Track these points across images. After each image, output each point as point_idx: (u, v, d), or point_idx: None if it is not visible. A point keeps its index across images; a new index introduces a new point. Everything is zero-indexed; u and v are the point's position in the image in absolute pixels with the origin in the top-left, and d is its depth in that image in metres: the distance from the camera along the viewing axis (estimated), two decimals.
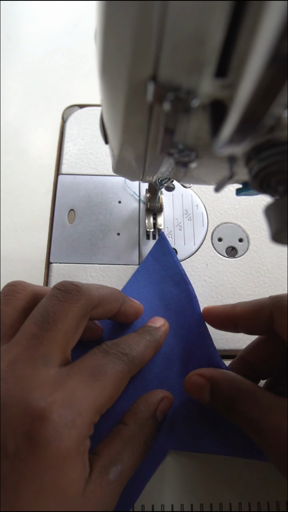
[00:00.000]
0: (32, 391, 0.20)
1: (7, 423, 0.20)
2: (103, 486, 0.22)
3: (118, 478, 0.23)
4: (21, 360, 0.21)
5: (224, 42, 0.14)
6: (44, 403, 0.20)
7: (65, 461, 0.20)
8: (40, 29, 0.51)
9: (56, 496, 0.20)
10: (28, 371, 0.21)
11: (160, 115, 0.18)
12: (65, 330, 0.23)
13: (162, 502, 0.28)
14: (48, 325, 0.22)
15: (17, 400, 0.20)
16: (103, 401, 0.22)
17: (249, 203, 0.40)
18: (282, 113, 0.16)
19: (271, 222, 0.18)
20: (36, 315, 0.23)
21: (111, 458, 0.23)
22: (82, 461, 0.21)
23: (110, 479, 0.22)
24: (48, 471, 0.19)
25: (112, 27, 0.15)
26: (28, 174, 0.41)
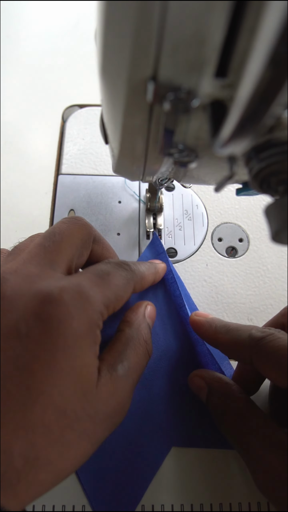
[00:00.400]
0: (41, 281, 0.21)
1: (18, 307, 0.20)
2: (113, 381, 0.22)
3: (127, 374, 0.23)
4: (29, 262, 0.23)
5: (224, 42, 0.14)
6: (54, 287, 0.21)
7: (78, 343, 0.20)
8: (40, 29, 0.51)
9: (71, 377, 0.20)
10: (36, 270, 0.22)
11: (160, 115, 0.18)
12: (70, 245, 0.25)
13: (162, 502, 0.28)
14: (54, 237, 0.24)
15: (27, 287, 0.21)
16: (110, 296, 0.23)
17: (249, 203, 0.40)
18: (282, 113, 0.16)
19: (271, 222, 0.18)
20: (44, 234, 0.25)
21: (115, 358, 0.24)
22: (94, 350, 0.21)
23: (119, 374, 0.23)
24: (61, 350, 0.20)
25: (112, 27, 0.15)
26: (28, 174, 0.41)
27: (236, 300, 0.35)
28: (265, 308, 0.35)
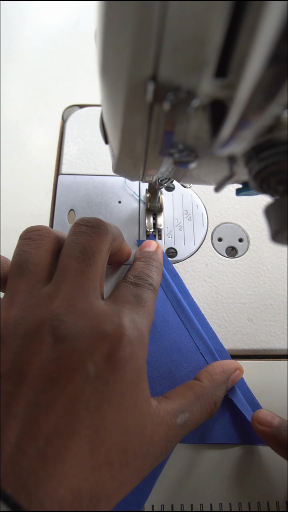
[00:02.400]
0: (100, 320, 0.21)
1: (84, 351, 0.20)
2: (170, 426, 0.23)
3: (184, 426, 0.23)
4: (76, 296, 0.22)
5: (224, 42, 0.14)
6: (116, 326, 0.21)
7: (141, 378, 0.21)
8: (40, 29, 0.51)
9: (135, 414, 0.21)
10: (86, 305, 0.22)
11: (160, 115, 0.18)
12: (102, 263, 0.24)
13: (162, 502, 0.28)
14: (89, 260, 0.23)
15: (88, 329, 0.21)
16: (150, 323, 0.24)
17: (249, 203, 0.40)
18: (282, 113, 0.16)
19: (271, 222, 0.18)
20: (73, 252, 0.24)
21: (182, 406, 0.24)
22: (147, 381, 0.22)
23: (177, 423, 0.23)
24: (128, 389, 0.20)
25: (112, 27, 0.15)
26: (28, 174, 0.41)
27: (236, 300, 0.35)
28: (265, 308, 0.35)
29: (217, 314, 0.35)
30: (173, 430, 0.23)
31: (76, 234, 0.25)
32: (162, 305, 0.33)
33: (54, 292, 0.22)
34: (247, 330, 0.34)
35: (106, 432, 0.19)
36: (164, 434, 0.22)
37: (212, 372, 0.28)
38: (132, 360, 0.21)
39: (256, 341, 0.34)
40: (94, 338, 0.20)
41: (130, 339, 0.21)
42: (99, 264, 0.24)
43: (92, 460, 0.19)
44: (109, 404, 0.20)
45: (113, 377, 0.20)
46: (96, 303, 0.22)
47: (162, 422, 0.22)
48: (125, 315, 0.22)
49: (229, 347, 0.33)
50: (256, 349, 0.33)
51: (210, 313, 0.34)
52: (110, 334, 0.21)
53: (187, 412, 0.24)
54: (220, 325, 0.34)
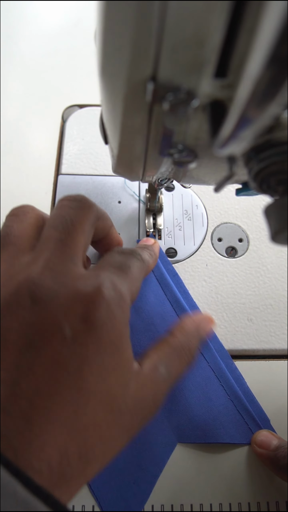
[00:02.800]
0: (75, 281, 0.21)
1: (60, 312, 0.20)
2: (153, 381, 0.23)
3: (166, 379, 0.24)
4: (52, 261, 0.22)
5: (223, 42, 0.14)
6: (92, 287, 0.21)
7: (121, 339, 0.21)
8: (40, 29, 0.51)
9: (117, 373, 0.21)
10: (62, 269, 0.22)
11: (159, 115, 0.18)
12: (83, 234, 0.24)
13: (162, 502, 0.28)
14: (68, 229, 0.24)
15: (64, 291, 0.21)
16: (133, 289, 0.24)
17: (249, 203, 0.40)
18: (282, 113, 0.16)
19: (271, 222, 0.18)
20: (54, 223, 0.24)
21: (160, 359, 0.24)
22: (130, 343, 0.22)
23: (160, 377, 0.23)
24: (107, 349, 0.20)
25: (111, 27, 0.15)
26: (28, 174, 0.41)
27: (236, 300, 0.35)
28: (265, 308, 0.35)
29: (217, 314, 0.35)
30: (157, 384, 0.23)
31: (59, 208, 0.26)
32: (161, 305, 0.33)
33: (33, 259, 0.23)
34: (247, 330, 0.34)
35: (89, 393, 0.19)
36: (150, 390, 0.22)
37: (183, 325, 0.28)
38: (110, 321, 0.21)
39: (256, 341, 0.34)
40: (69, 299, 0.20)
41: (106, 300, 0.21)
42: (79, 233, 0.24)
43: (77, 420, 0.19)
44: (89, 365, 0.20)
45: (91, 337, 0.20)
46: (74, 268, 0.22)
47: (145, 379, 0.23)
48: (104, 276, 0.22)
49: (229, 347, 0.33)
50: (256, 349, 0.33)
51: (210, 313, 0.34)
52: (86, 295, 0.21)
53: (167, 365, 0.24)
54: (220, 325, 0.34)
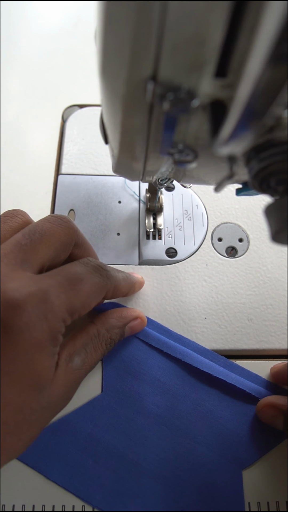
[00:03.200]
0: (9, 284, 0.21)
1: None
2: (67, 372, 0.23)
3: (80, 368, 0.24)
4: (1, 260, 0.23)
5: (224, 42, 0.14)
6: (19, 294, 0.21)
7: (37, 350, 0.21)
8: (40, 29, 0.51)
9: (29, 380, 0.21)
10: (6, 270, 0.22)
11: (160, 115, 0.18)
12: (48, 245, 0.24)
13: None
14: (33, 236, 0.24)
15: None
16: (76, 305, 0.23)
17: (249, 203, 0.40)
18: (282, 113, 0.16)
19: (271, 222, 0.18)
20: (25, 229, 0.25)
21: (76, 349, 0.25)
22: (53, 352, 0.22)
23: (74, 367, 0.24)
24: (22, 357, 0.21)
25: (111, 27, 0.15)
26: (28, 174, 0.41)
27: (236, 300, 0.35)
28: (265, 308, 0.35)
29: (217, 314, 0.35)
30: (72, 375, 0.24)
31: (40, 220, 0.26)
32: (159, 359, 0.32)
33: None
34: (247, 330, 0.34)
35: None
36: (63, 382, 0.23)
37: (108, 315, 0.28)
38: (28, 331, 0.21)
39: (256, 341, 0.34)
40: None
41: (29, 309, 0.21)
42: (43, 243, 0.24)
43: None
44: (1, 369, 0.20)
45: (5, 343, 0.20)
46: (18, 272, 0.22)
47: (60, 372, 0.23)
48: (41, 285, 0.22)
49: (229, 347, 0.33)
50: (256, 349, 0.33)
51: (210, 313, 0.34)
52: (9, 301, 0.21)
53: (81, 354, 0.25)
54: (220, 325, 0.34)
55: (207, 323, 0.34)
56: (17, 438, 0.22)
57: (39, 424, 0.22)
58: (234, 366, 0.32)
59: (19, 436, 0.22)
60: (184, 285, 0.36)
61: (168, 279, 0.36)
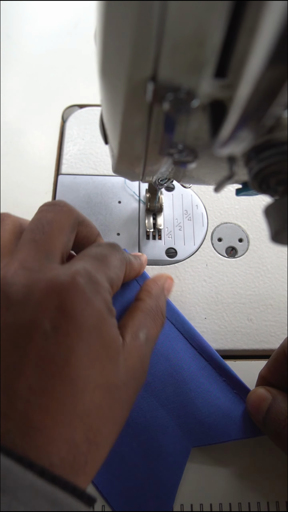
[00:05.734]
0: (47, 274, 0.21)
1: (36, 307, 0.20)
2: (137, 347, 0.24)
3: (147, 341, 0.25)
4: (26, 260, 0.22)
5: (224, 42, 0.14)
6: (67, 277, 0.21)
7: (102, 321, 0.21)
8: (40, 29, 0.51)
9: (105, 354, 0.21)
10: (36, 266, 0.22)
11: (159, 115, 0.18)
12: (61, 233, 0.25)
13: None
14: (44, 229, 0.24)
15: (37, 285, 0.21)
16: (111, 275, 0.24)
17: (249, 203, 0.40)
18: (282, 113, 0.16)
19: (271, 222, 0.18)
20: (31, 226, 0.25)
21: (137, 326, 0.25)
22: (114, 323, 0.23)
23: (141, 343, 0.24)
24: (91, 334, 0.21)
25: (111, 27, 0.15)
26: (28, 174, 0.41)
27: (236, 300, 0.35)
28: (265, 308, 0.35)
29: (217, 314, 0.35)
30: (141, 349, 0.24)
31: (37, 213, 0.26)
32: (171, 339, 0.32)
33: (8, 261, 0.23)
34: (247, 330, 0.34)
35: (81, 379, 0.20)
36: (136, 357, 0.23)
37: (148, 288, 0.29)
38: (88, 306, 0.21)
39: (256, 341, 0.34)
40: (43, 293, 0.20)
41: (81, 286, 0.21)
42: (55, 232, 0.24)
43: (77, 408, 0.19)
44: (75, 353, 0.20)
45: (72, 325, 0.20)
46: (48, 264, 0.23)
47: (130, 348, 0.23)
48: (77, 267, 0.22)
49: (229, 347, 0.33)
50: (256, 349, 0.33)
51: (210, 313, 0.34)
52: (59, 286, 0.21)
53: (143, 329, 0.25)
54: (220, 325, 0.34)
55: (207, 323, 0.34)
56: (114, 421, 0.21)
57: (127, 404, 0.22)
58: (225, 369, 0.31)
59: (115, 420, 0.21)
60: (184, 285, 0.36)
61: None
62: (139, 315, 0.26)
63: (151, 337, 0.25)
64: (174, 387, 0.30)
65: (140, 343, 0.24)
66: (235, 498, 0.28)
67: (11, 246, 0.25)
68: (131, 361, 0.23)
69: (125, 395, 0.22)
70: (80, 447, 0.19)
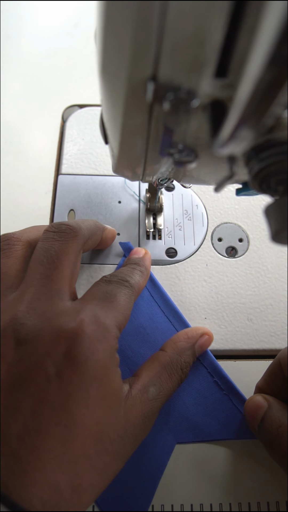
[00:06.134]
0: (58, 318, 0.22)
1: (43, 350, 0.20)
2: (143, 402, 0.23)
3: (156, 397, 0.24)
4: (38, 298, 0.22)
5: (224, 42, 0.14)
6: (74, 323, 0.21)
7: (105, 372, 0.21)
8: (40, 29, 0.51)
9: (103, 405, 0.21)
10: (47, 306, 0.22)
11: (160, 115, 0.18)
12: (69, 265, 0.24)
13: (162, 502, 0.28)
14: (54, 263, 0.24)
15: (47, 329, 0.21)
16: (120, 318, 0.24)
17: (249, 203, 0.40)
18: (282, 113, 0.16)
19: (271, 222, 0.18)
20: (39, 257, 0.24)
21: (150, 379, 0.25)
22: (118, 372, 0.22)
23: (149, 397, 0.24)
24: (92, 384, 0.21)
25: (112, 27, 0.15)
26: (28, 174, 0.41)
27: (236, 300, 0.35)
28: (265, 308, 0.35)
29: (217, 314, 0.35)
30: (147, 405, 0.23)
31: (44, 240, 0.25)
32: (148, 307, 0.33)
33: (19, 297, 0.23)
34: (247, 330, 0.34)
35: (76, 427, 0.20)
36: (140, 412, 0.23)
37: (176, 340, 0.28)
38: (93, 355, 0.21)
39: (256, 341, 0.34)
40: (51, 337, 0.21)
41: (88, 334, 0.21)
42: (65, 266, 0.24)
43: (66, 454, 0.19)
44: (74, 400, 0.20)
45: (74, 374, 0.20)
46: (59, 304, 0.23)
47: (135, 402, 0.23)
48: (86, 310, 0.22)
49: (229, 347, 0.33)
50: (256, 349, 0.33)
51: (210, 313, 0.34)
52: (67, 332, 0.21)
53: (156, 384, 0.25)
54: (220, 325, 0.34)
55: (207, 323, 0.34)
56: (102, 472, 0.21)
57: (121, 456, 0.22)
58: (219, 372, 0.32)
59: (104, 469, 0.21)
60: (184, 285, 0.36)
61: (168, 279, 0.36)
62: (155, 367, 0.25)
63: (162, 393, 0.25)
64: None
65: (148, 398, 0.24)
66: (235, 498, 0.28)
67: (21, 274, 0.25)
68: (133, 416, 0.22)
69: (120, 449, 0.22)
70: (63, 493, 0.19)
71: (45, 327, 0.21)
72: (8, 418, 0.19)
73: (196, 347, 0.29)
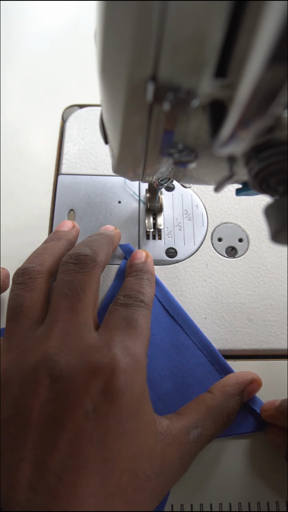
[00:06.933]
0: (91, 354, 0.22)
1: (80, 387, 0.21)
2: (183, 443, 0.23)
3: (197, 441, 0.24)
4: (67, 333, 0.23)
5: (224, 42, 0.14)
6: (108, 358, 0.21)
7: (139, 404, 0.21)
8: (40, 29, 0.51)
9: (140, 438, 0.21)
10: (77, 340, 0.22)
11: (159, 115, 0.18)
12: (92, 295, 0.25)
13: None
14: (78, 295, 0.24)
15: (81, 366, 0.21)
16: (146, 343, 0.24)
17: (249, 203, 0.40)
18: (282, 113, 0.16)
19: (271, 222, 0.18)
20: (63, 290, 0.25)
21: (194, 421, 0.24)
22: (150, 404, 0.22)
23: (190, 439, 0.23)
24: (128, 417, 0.21)
25: (111, 27, 0.15)
26: (28, 174, 0.41)
27: (236, 300, 0.35)
28: (265, 308, 0.35)
29: (217, 314, 0.35)
30: (187, 446, 0.23)
31: (65, 272, 0.26)
32: (153, 307, 0.33)
33: (47, 332, 0.23)
34: (247, 330, 0.34)
35: (113, 462, 0.20)
36: (177, 452, 0.22)
37: (225, 384, 0.27)
38: (129, 389, 0.21)
39: (256, 341, 0.34)
40: (87, 374, 0.21)
41: (123, 368, 0.21)
42: (88, 296, 0.24)
43: (104, 490, 0.19)
44: (112, 435, 0.20)
45: (111, 409, 0.20)
46: (88, 337, 0.23)
47: (174, 441, 0.23)
48: (116, 343, 0.22)
49: (229, 347, 0.33)
50: (256, 349, 0.33)
51: (210, 313, 0.34)
52: (102, 368, 0.21)
53: (199, 427, 0.24)
54: (220, 325, 0.34)
55: (207, 323, 0.34)
56: (136, 509, 0.20)
57: (156, 495, 0.22)
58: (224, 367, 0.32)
59: (138, 507, 0.20)
60: (184, 285, 0.36)
61: (168, 279, 0.36)
62: (201, 409, 0.25)
63: (204, 437, 0.24)
64: (173, 382, 0.30)
65: (188, 440, 0.23)
66: (235, 498, 0.28)
67: (45, 307, 0.25)
68: (170, 455, 0.22)
69: (156, 487, 0.21)
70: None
71: (79, 363, 0.21)
72: (46, 455, 0.19)
73: (245, 393, 0.28)
